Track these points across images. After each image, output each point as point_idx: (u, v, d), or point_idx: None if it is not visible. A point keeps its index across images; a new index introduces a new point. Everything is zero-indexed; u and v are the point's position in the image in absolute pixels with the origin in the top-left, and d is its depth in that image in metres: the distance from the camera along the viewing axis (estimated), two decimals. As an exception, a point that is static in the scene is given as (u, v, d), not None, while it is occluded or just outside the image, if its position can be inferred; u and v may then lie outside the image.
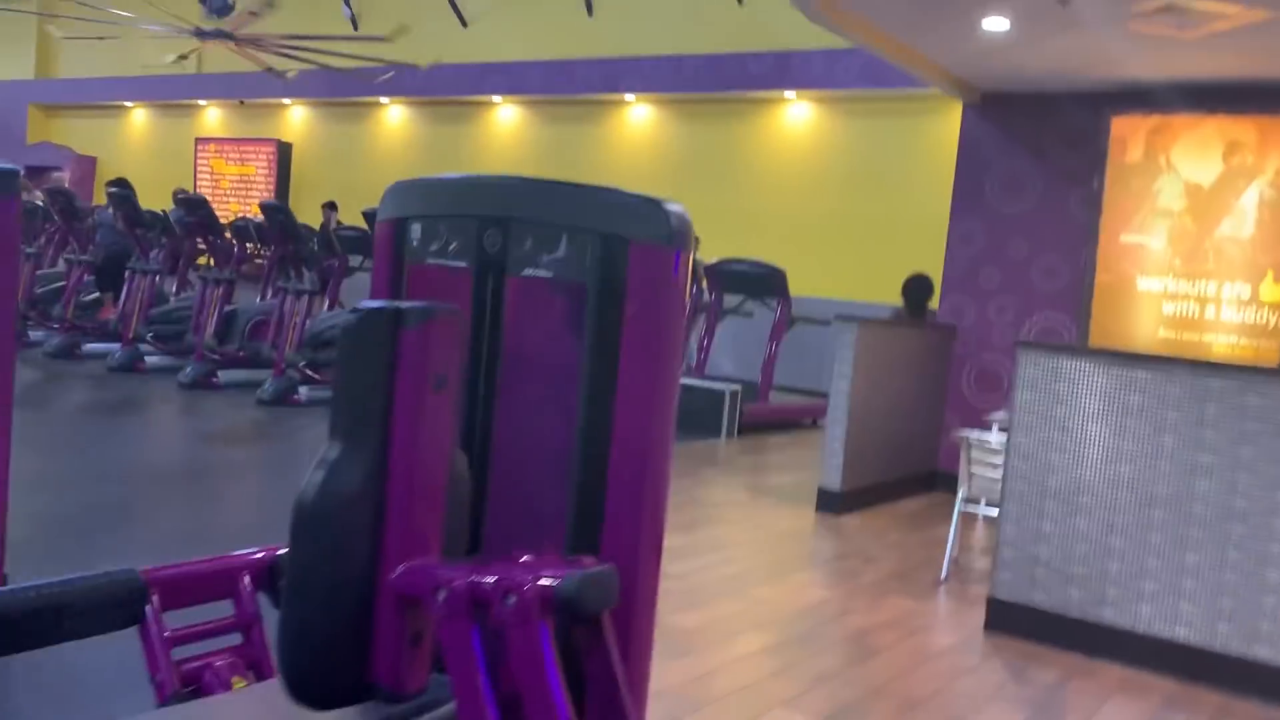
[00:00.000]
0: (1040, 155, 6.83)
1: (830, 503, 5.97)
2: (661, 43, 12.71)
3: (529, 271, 2.24)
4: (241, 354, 8.49)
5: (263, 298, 9.39)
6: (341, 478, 1.60)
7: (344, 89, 14.42)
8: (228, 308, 8.55)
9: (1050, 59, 6.05)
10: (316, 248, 8.46)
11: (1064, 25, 5.39)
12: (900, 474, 6.70)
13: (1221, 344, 6.18)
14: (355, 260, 9.16)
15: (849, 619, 4.14)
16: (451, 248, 2.35)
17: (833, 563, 5.10)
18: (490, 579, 1.53)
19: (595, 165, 13.37)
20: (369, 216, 7.78)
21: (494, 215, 2.27)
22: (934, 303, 7.41)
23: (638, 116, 13.39)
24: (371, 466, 1.63)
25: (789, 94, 12.06)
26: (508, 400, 2.09)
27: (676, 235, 2.11)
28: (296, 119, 16.38)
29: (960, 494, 4.94)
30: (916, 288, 7.37)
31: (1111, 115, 6.47)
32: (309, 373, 7.99)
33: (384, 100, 15.00)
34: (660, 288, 2.10)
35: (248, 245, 9.12)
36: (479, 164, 14.32)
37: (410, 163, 15.03)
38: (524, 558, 1.87)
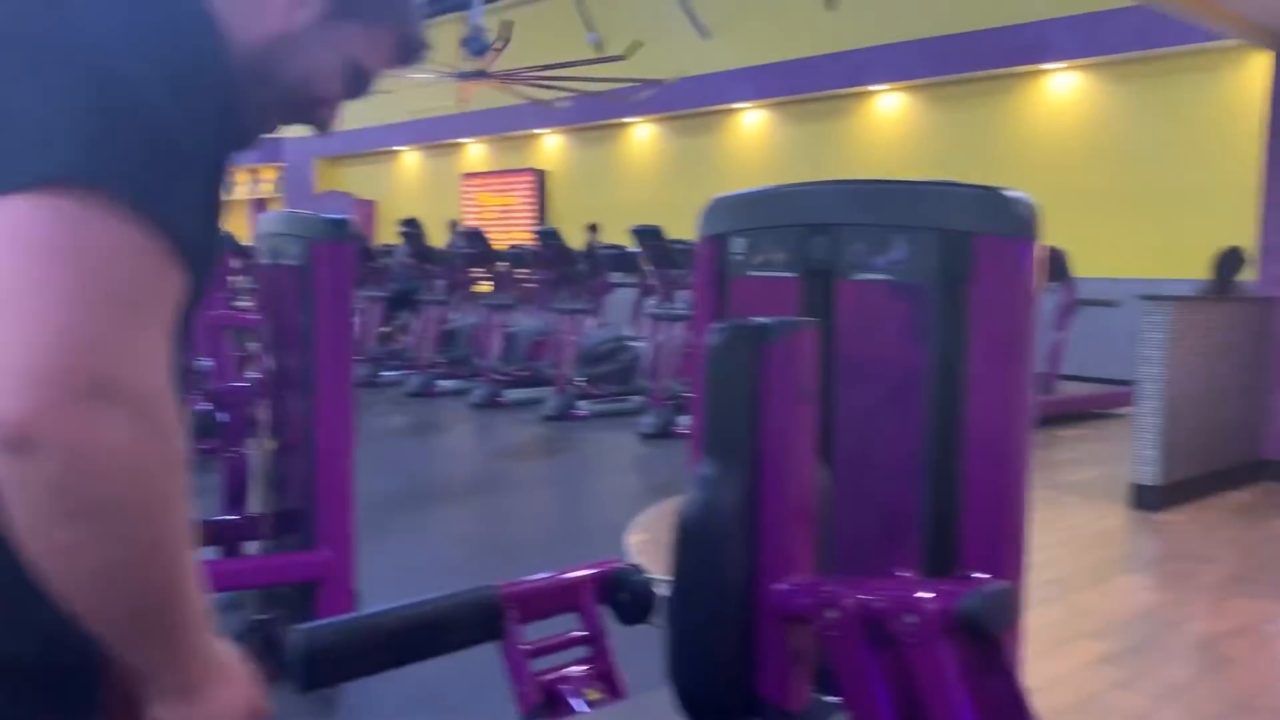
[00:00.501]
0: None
1: (1146, 499, 5.53)
2: (905, 28, 12.31)
3: (861, 276, 2.19)
4: (524, 373, 8.93)
5: (537, 320, 9.84)
6: (720, 495, 1.61)
7: (592, 113, 14.89)
8: (508, 330, 9.02)
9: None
10: (584, 268, 8.77)
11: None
12: (1222, 465, 6.12)
13: None
14: (617, 277, 9.44)
15: (1191, 625, 3.81)
16: (776, 258, 2.34)
17: (1160, 564, 4.72)
18: (883, 597, 1.48)
19: (848, 160, 13.12)
20: (639, 234, 7.96)
21: (819, 222, 2.24)
22: (1246, 274, 6.75)
23: (887, 106, 13.04)
24: (746, 483, 1.64)
25: (1051, 65, 11.36)
26: (847, 408, 2.05)
27: (1024, 225, 2.00)
28: (550, 147, 17.09)
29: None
30: (1229, 261, 6.74)
31: None
32: (588, 388, 8.28)
33: (631, 120, 15.37)
34: (1010, 282, 1.99)
35: (519, 270, 9.59)
36: (729, 171, 14.39)
37: (661, 178, 15.32)
38: (902, 574, 1.81)
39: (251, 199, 21.86)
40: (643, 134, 15.80)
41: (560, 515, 5.62)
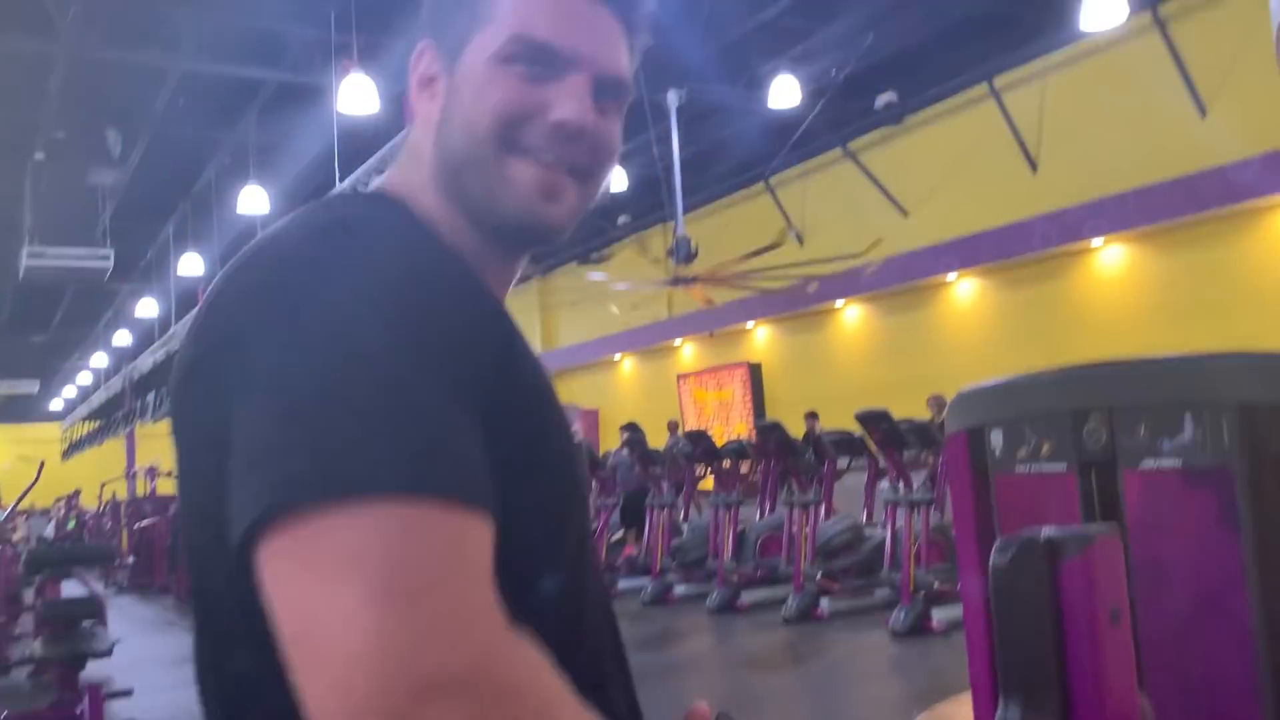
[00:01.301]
0: None
1: None
2: (1119, 179, 11.91)
3: (1150, 463, 1.98)
4: (758, 572, 8.70)
5: (762, 514, 9.64)
6: (1031, 743, 1.42)
7: (796, 301, 15.03)
8: (739, 528, 8.88)
9: None
10: (810, 458, 8.60)
11: None
12: None
13: None
14: (842, 463, 9.19)
15: None
16: (1044, 450, 2.15)
17: None
18: None
19: (1069, 323, 12.57)
20: (865, 419, 7.75)
21: (1091, 405, 2.06)
22: None
23: (1106, 261, 12.50)
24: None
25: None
26: (1148, 622, 1.80)
27: (1336, 391, 1.76)
28: (761, 339, 17.30)
29: None
30: None
31: None
32: (827, 584, 7.95)
33: (837, 304, 15.40)
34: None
35: (742, 465, 9.52)
36: (942, 345, 14.06)
37: (874, 358, 15.14)
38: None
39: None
40: (851, 316, 15.77)
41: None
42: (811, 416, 12.19)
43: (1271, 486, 1.85)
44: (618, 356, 20.40)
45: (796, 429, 11.45)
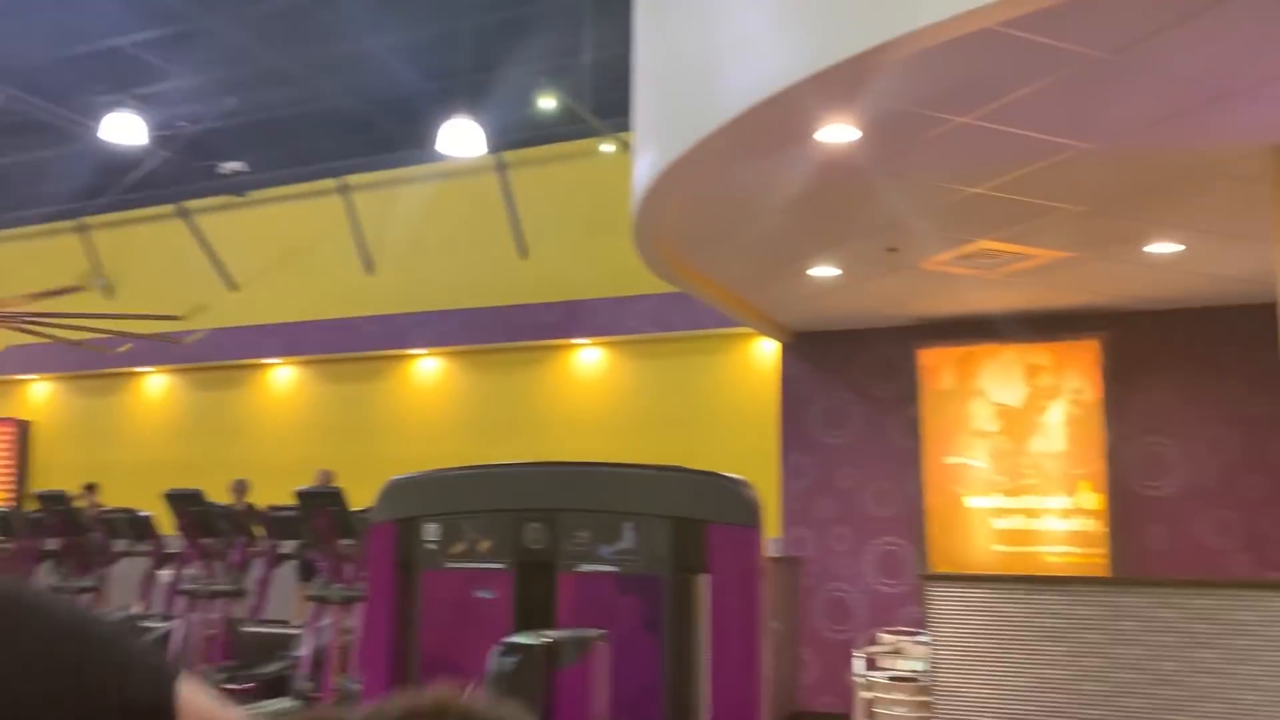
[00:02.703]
0: (857, 388, 7.19)
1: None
2: (448, 297, 12.77)
3: (586, 567, 1.98)
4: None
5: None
6: None
7: (90, 361, 13.43)
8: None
9: (865, 299, 6.47)
10: (97, 536, 7.52)
11: (885, 270, 5.80)
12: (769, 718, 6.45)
13: (1053, 555, 6.50)
14: (121, 545, 8.20)
15: None
16: (481, 547, 2.05)
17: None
18: None
19: (381, 422, 12.96)
20: (173, 498, 6.99)
21: (536, 507, 2.01)
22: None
23: (426, 370, 13.20)
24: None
25: (579, 340, 12.30)
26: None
27: (755, 512, 1.94)
28: (38, 394, 15.02)
29: (866, 738, 4.77)
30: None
31: (917, 348, 6.95)
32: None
33: (141, 369, 14.06)
34: (746, 569, 1.90)
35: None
36: (253, 428, 13.54)
37: (176, 433, 14.01)
38: None
39: None
40: (156, 385, 14.46)
41: None
42: (90, 489, 10.78)
43: (688, 596, 1.97)
44: None
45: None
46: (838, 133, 3.93)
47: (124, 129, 10.74)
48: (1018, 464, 6.64)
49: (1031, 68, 3.42)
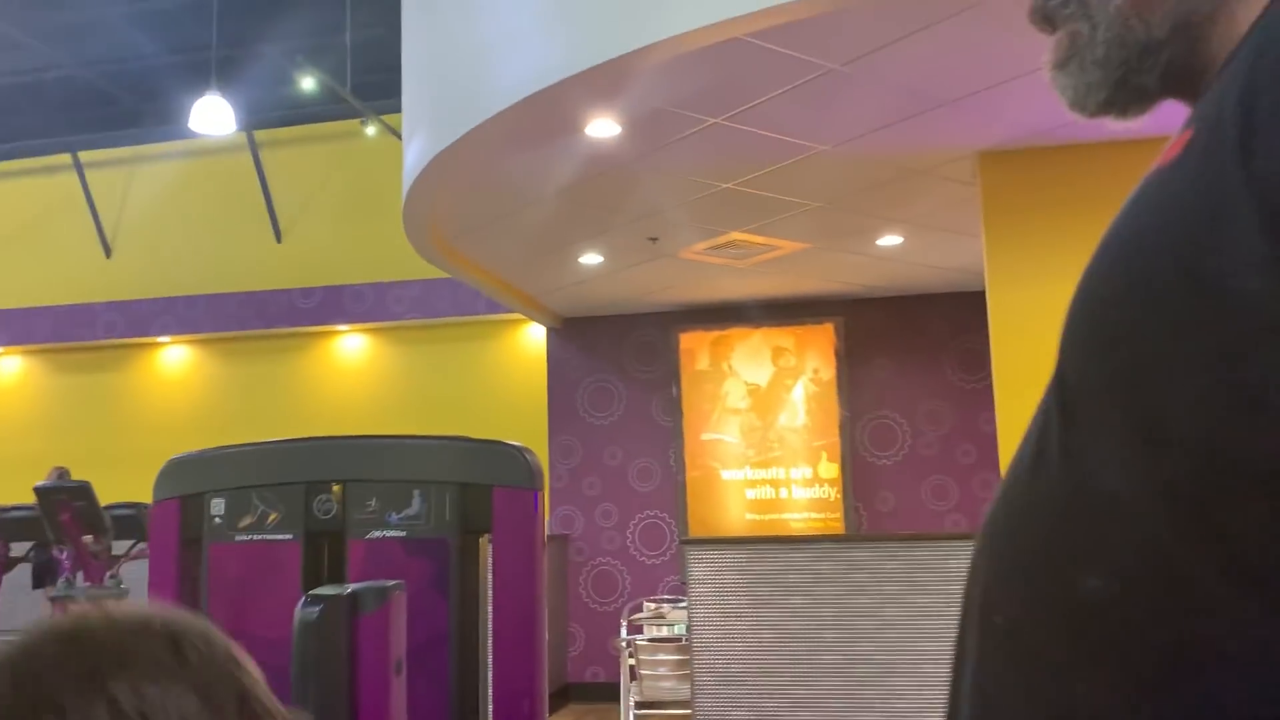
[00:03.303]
0: (621, 369, 7.52)
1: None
2: (195, 282, 12.17)
3: (376, 534, 2.09)
4: None
5: None
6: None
7: None
8: None
9: (629, 286, 6.78)
10: None
11: (647, 258, 6.13)
12: (544, 692, 6.68)
13: (798, 520, 7.07)
14: None
15: None
16: (269, 520, 2.12)
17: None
18: None
19: (123, 415, 12.21)
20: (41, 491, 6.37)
21: (324, 478, 2.10)
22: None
23: (172, 359, 12.53)
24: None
25: (340, 326, 12.05)
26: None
27: (537, 475, 2.13)
28: None
29: (632, 700, 5.07)
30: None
31: (679, 331, 7.35)
32: None
33: None
34: (527, 529, 2.08)
35: None
36: (-28, 425, 12.39)
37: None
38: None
39: None
40: None
41: None
42: None
43: (473, 556, 2.13)
44: None
45: None
46: (601, 127, 4.17)
47: None
48: (766, 438, 7.17)
49: (775, 75, 3.78)
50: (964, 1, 3.30)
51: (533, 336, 11.24)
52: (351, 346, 12.14)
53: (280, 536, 1.90)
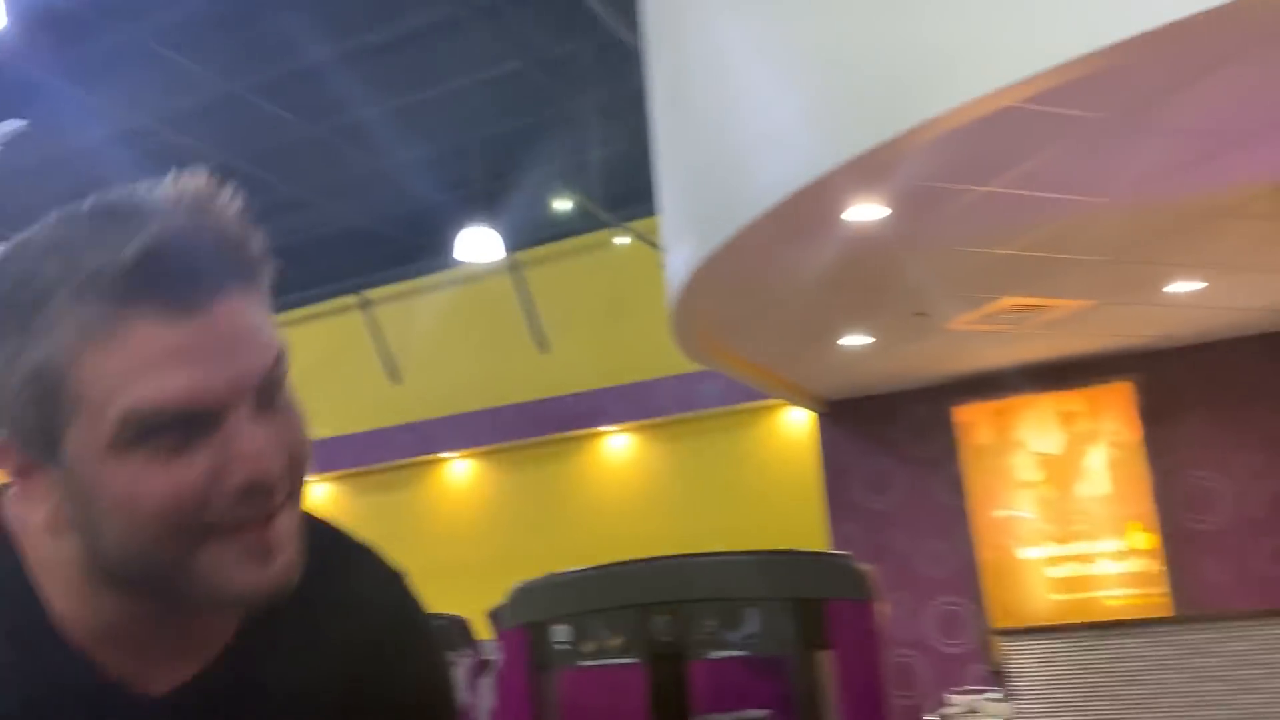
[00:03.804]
0: (896, 451, 7.29)
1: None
2: (473, 398, 12.94)
3: (716, 654, 2.08)
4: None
5: None
6: None
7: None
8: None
9: (897, 363, 6.61)
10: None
11: (915, 334, 5.96)
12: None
13: (1113, 598, 6.51)
14: None
15: None
16: (612, 643, 2.15)
17: None
18: None
19: (419, 529, 13.04)
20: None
21: (661, 600, 2.12)
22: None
23: (458, 473, 13.32)
24: None
25: (606, 428, 12.43)
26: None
27: (869, 586, 2.05)
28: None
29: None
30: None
31: (952, 406, 7.06)
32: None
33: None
34: (868, 643, 2.00)
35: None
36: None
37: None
38: None
39: None
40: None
41: None
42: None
43: (816, 672, 2.07)
44: None
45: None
46: (866, 211, 4.12)
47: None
48: (1065, 511, 6.69)
49: (1049, 134, 3.61)
50: (1253, 36, 3.04)
51: (797, 421, 11.14)
52: (619, 445, 12.48)
53: (623, 660, 1.90)
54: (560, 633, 1.96)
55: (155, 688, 0.74)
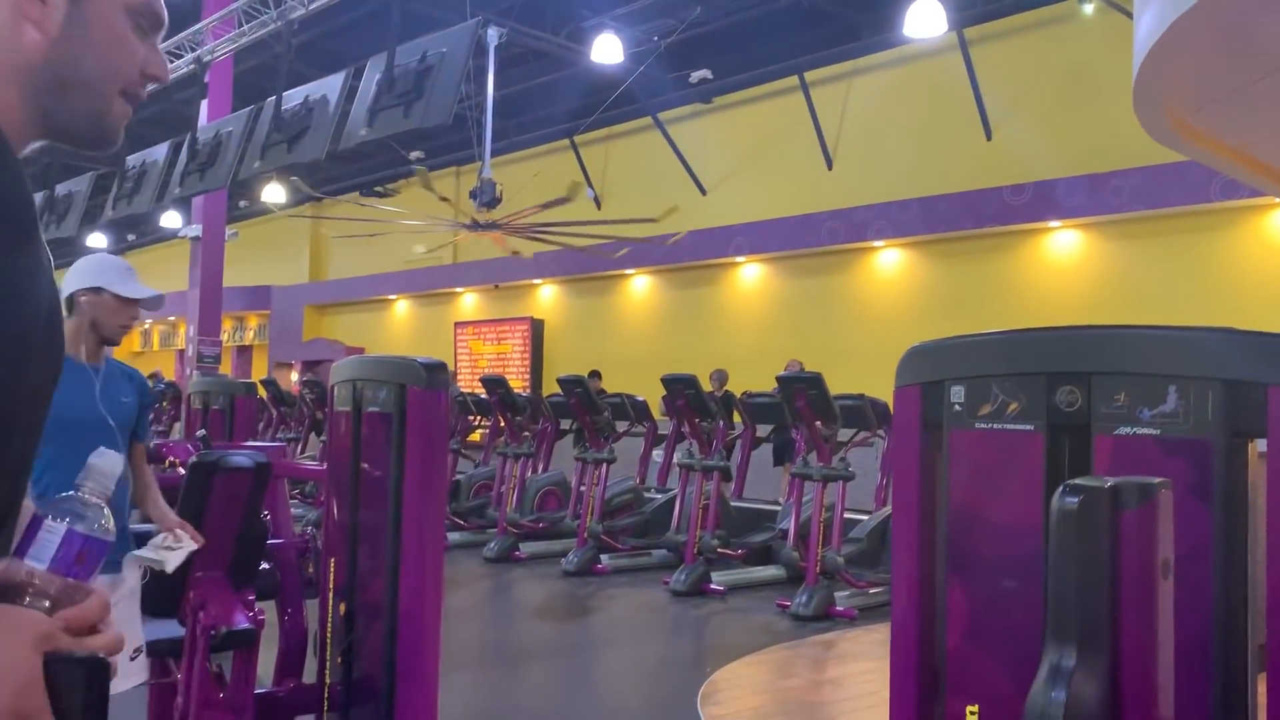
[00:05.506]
0: None
1: None
2: (907, 186, 12.57)
3: (1124, 430, 1.96)
4: (540, 525, 8.57)
5: (543, 468, 9.51)
6: (1083, 694, 1.34)
7: (590, 265, 14.97)
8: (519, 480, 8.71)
9: None
10: (608, 417, 8.54)
11: None
12: None
13: None
14: (621, 425, 9.26)
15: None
16: (1011, 409, 2.10)
17: None
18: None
19: (845, 314, 13.19)
20: (672, 382, 7.73)
21: (1068, 370, 2.02)
22: None
23: (886, 262, 13.18)
24: (1107, 674, 1.37)
25: (1052, 223, 11.58)
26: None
27: (1319, 373, 1.79)
28: (546, 297, 17.12)
29: None
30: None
31: None
32: (608, 541, 7.92)
33: (628, 271, 15.46)
34: (1310, 435, 1.77)
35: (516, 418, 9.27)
36: (724, 323, 14.40)
37: (657, 328, 15.31)
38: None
39: (236, 345, 21.59)
40: (640, 285, 15.86)
41: (598, 689, 5.20)
42: (595, 376, 12.16)
43: (1242, 461, 1.88)
44: (393, 297, 19.63)
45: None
46: (1403, -51, 3.32)
47: (606, 49, 11.72)
48: None
49: None
50: None
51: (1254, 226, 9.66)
52: (1064, 243, 11.62)
53: (1021, 427, 1.86)
54: (956, 394, 1.95)
55: None
